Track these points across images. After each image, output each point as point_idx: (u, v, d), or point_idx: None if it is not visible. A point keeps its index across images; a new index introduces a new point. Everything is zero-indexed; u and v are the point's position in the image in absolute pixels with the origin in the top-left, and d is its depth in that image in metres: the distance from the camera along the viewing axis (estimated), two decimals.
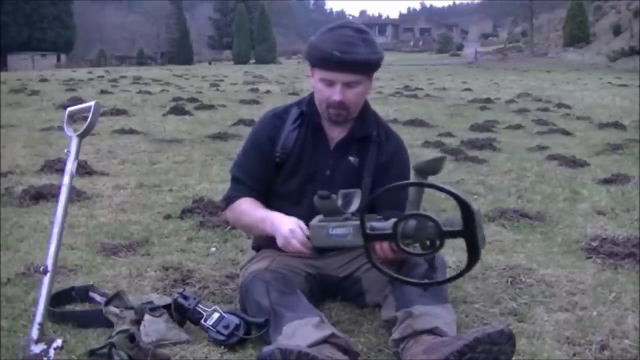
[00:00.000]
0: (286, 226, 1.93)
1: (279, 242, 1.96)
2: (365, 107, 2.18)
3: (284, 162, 2.14)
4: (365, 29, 2.05)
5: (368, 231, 1.69)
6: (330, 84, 2.03)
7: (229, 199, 2.20)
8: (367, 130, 2.17)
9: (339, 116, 2.09)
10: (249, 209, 2.12)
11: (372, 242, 1.75)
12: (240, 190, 2.17)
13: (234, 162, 2.26)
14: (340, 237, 1.81)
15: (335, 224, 1.82)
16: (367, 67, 2.03)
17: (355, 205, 1.89)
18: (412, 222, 1.64)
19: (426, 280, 1.71)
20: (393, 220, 1.69)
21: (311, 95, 2.19)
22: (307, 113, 2.15)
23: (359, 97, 2.08)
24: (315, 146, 2.15)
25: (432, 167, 1.68)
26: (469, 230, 1.56)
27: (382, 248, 1.82)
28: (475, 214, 1.56)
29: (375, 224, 1.74)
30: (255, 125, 2.29)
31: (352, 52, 1.96)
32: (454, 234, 1.59)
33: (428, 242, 1.63)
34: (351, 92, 2.04)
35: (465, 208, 1.55)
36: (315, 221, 1.87)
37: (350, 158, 2.16)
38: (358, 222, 1.76)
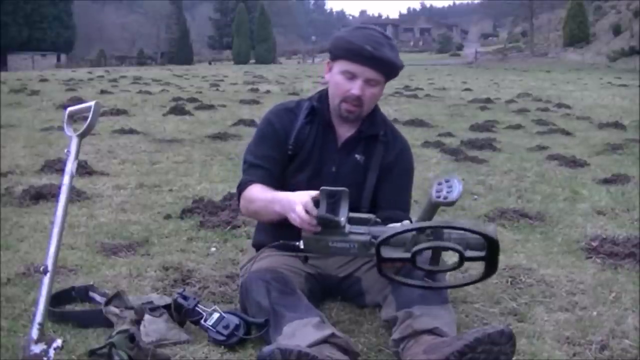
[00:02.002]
0: (297, 199, 1.88)
1: (290, 218, 1.89)
2: (375, 107, 2.20)
3: (294, 157, 2.14)
4: (390, 36, 2.11)
5: (384, 256, 1.64)
6: (352, 77, 2.05)
7: (242, 185, 2.14)
8: (375, 129, 2.18)
9: (351, 113, 2.09)
10: (258, 193, 2.08)
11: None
12: (254, 174, 2.12)
13: (246, 151, 2.21)
14: (341, 250, 1.79)
15: (336, 238, 1.78)
16: (391, 69, 2.08)
17: (344, 209, 1.80)
18: (429, 251, 1.64)
19: (430, 283, 1.72)
20: (406, 235, 1.64)
21: (321, 92, 2.21)
22: (318, 109, 2.17)
23: (374, 98, 2.11)
24: (323, 142, 2.16)
25: (454, 203, 1.63)
26: (492, 257, 1.59)
27: (394, 264, 1.80)
28: (499, 245, 1.58)
29: (375, 229, 1.73)
30: (267, 116, 2.23)
31: (382, 50, 2.01)
32: (476, 259, 1.61)
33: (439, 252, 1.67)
34: (369, 90, 2.06)
35: (491, 243, 1.57)
36: (308, 232, 1.82)
37: (357, 156, 2.17)
38: (363, 238, 1.74)
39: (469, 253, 1.59)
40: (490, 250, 1.58)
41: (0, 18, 43.86)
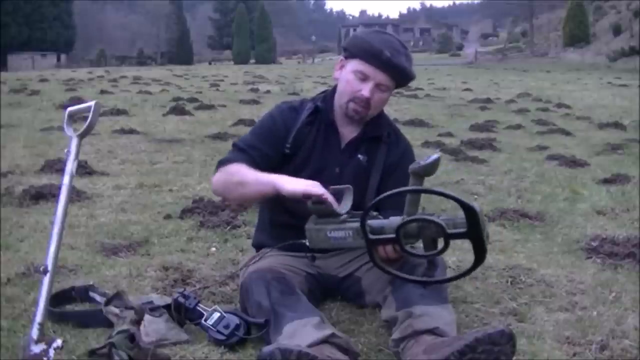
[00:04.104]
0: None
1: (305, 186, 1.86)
2: None
3: (292, 156, 2.13)
4: (407, 47, 2.13)
5: (370, 236, 1.68)
6: (364, 78, 2.05)
7: (224, 162, 2.07)
8: (379, 130, 2.19)
9: (357, 113, 2.10)
10: (243, 168, 2.00)
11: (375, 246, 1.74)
12: (239, 157, 2.07)
13: (240, 138, 2.19)
14: (339, 240, 1.81)
15: (333, 227, 1.80)
16: (403, 78, 2.10)
17: (346, 203, 1.88)
18: (414, 225, 1.64)
19: (427, 278, 1.72)
20: (395, 222, 1.68)
21: (325, 93, 2.21)
22: (322, 109, 2.16)
23: (382, 102, 2.12)
24: (326, 143, 2.16)
25: (429, 169, 1.66)
26: (474, 231, 1.57)
27: (386, 250, 1.82)
28: (479, 214, 1.55)
29: (374, 223, 1.74)
30: (271, 111, 2.22)
31: (398, 57, 2.04)
32: (459, 236, 1.60)
33: (432, 241, 1.65)
34: (378, 95, 2.08)
35: (468, 210, 1.55)
36: (310, 223, 1.85)
37: (360, 156, 2.17)
38: (356, 224, 1.75)
39: (451, 230, 1.58)
40: (471, 223, 1.55)
41: (0, 18, 43.84)
